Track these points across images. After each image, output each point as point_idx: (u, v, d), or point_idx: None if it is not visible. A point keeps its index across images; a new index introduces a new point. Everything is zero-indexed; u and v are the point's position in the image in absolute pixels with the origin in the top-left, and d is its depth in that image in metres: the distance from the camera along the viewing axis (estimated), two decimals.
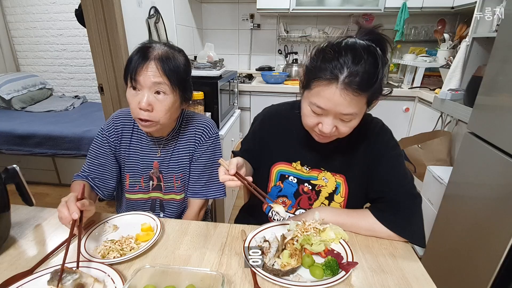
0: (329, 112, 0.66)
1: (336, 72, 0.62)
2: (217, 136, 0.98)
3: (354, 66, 0.61)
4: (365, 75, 0.61)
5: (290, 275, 0.61)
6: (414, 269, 0.65)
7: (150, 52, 0.79)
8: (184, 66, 0.84)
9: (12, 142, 2.30)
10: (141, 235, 0.73)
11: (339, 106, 0.64)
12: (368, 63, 0.62)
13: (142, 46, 0.81)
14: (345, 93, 0.62)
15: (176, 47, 0.86)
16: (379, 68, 0.63)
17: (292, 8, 2.44)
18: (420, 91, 2.27)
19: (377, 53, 0.64)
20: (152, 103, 0.80)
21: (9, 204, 0.71)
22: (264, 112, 0.93)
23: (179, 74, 0.81)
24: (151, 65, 0.77)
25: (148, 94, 0.79)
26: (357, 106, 0.65)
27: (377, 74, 0.63)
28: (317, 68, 0.65)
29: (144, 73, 0.77)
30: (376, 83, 0.63)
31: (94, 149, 0.95)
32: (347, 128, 0.69)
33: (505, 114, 1.00)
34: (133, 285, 0.53)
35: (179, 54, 0.85)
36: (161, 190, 0.98)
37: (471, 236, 1.16)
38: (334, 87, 0.63)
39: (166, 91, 0.80)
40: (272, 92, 2.48)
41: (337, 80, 0.62)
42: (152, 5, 1.81)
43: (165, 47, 0.82)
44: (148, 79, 0.77)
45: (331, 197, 0.84)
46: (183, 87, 0.84)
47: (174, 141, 0.96)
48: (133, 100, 0.81)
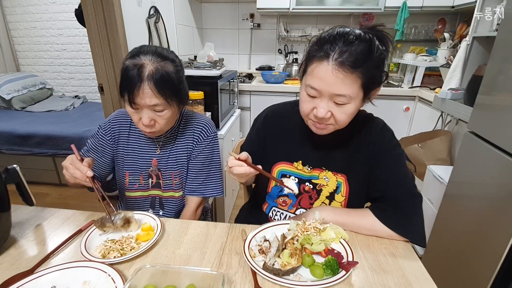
0: (323, 93, 0.67)
1: (329, 51, 0.64)
2: (216, 135, 1.00)
3: (346, 46, 0.63)
4: (358, 54, 0.63)
5: (291, 274, 0.61)
6: (415, 268, 0.65)
7: (142, 72, 0.77)
8: (175, 74, 0.83)
9: (12, 142, 2.30)
10: (142, 234, 0.73)
11: (332, 85, 0.65)
12: (361, 45, 0.64)
13: (133, 64, 0.78)
14: (336, 70, 0.63)
15: (165, 53, 0.84)
16: (373, 50, 0.64)
17: (292, 7, 2.44)
18: (420, 90, 2.27)
19: (372, 41, 0.65)
20: (153, 118, 0.83)
21: (10, 204, 0.71)
22: (266, 112, 0.93)
23: (173, 87, 0.82)
24: (145, 88, 0.77)
25: (147, 112, 0.82)
26: (351, 87, 0.65)
27: (371, 55, 0.64)
28: (313, 51, 0.68)
29: (140, 96, 0.78)
30: (369, 64, 0.64)
31: (90, 143, 0.99)
32: (342, 115, 0.69)
33: (506, 114, 1.00)
34: (134, 284, 0.53)
35: (168, 62, 0.82)
36: (160, 187, 0.99)
37: (471, 235, 1.16)
38: (325, 65, 0.64)
39: (164, 108, 0.83)
40: (272, 92, 2.48)
41: (329, 57, 0.64)
42: (152, 5, 1.80)
43: (154, 62, 0.79)
44: (145, 102, 0.79)
45: (332, 196, 0.84)
46: (178, 95, 0.85)
47: (173, 139, 0.97)
48: (133, 116, 0.84)
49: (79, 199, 2.36)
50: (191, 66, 1.75)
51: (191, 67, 1.74)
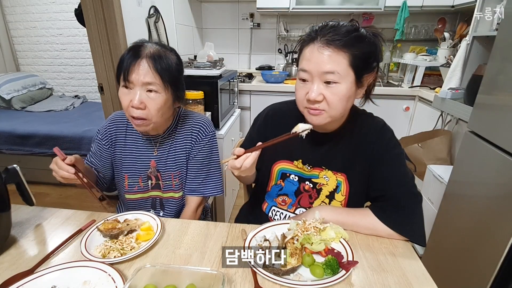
0: (312, 73, 0.69)
1: (316, 34, 0.69)
2: (214, 134, 0.99)
3: (333, 28, 0.68)
4: (343, 33, 0.67)
5: (291, 274, 0.61)
6: (414, 268, 0.65)
7: (142, 51, 0.79)
8: (176, 65, 0.85)
9: (12, 142, 2.30)
10: (142, 234, 0.73)
11: (320, 64, 0.67)
12: (348, 27, 0.68)
13: (134, 45, 0.81)
14: (322, 48, 0.67)
15: (168, 46, 0.87)
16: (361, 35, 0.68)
17: (292, 7, 2.44)
18: (420, 90, 2.27)
19: (360, 28, 0.69)
20: (144, 100, 0.80)
21: (10, 204, 0.71)
22: (267, 110, 0.93)
23: (171, 72, 0.82)
24: (143, 63, 0.78)
25: (140, 92, 0.79)
26: (338, 65, 0.67)
27: (357, 37, 0.67)
28: (303, 40, 0.74)
29: (136, 72, 0.77)
30: (356, 43, 0.67)
31: (92, 148, 1.00)
32: (334, 96, 0.69)
33: (506, 113, 1.00)
34: (134, 284, 0.53)
35: (170, 53, 0.85)
36: (160, 188, 0.99)
37: (471, 235, 1.16)
38: (312, 46, 0.69)
39: (158, 90, 0.81)
40: (272, 92, 2.47)
41: (316, 38, 0.69)
42: (152, 5, 1.80)
43: (156, 46, 0.83)
44: (140, 78, 0.78)
45: (331, 195, 0.84)
46: (175, 85, 0.85)
47: (170, 139, 0.96)
48: (125, 98, 0.81)
49: (79, 199, 2.36)
50: (191, 66, 1.75)
51: (191, 67, 1.74)
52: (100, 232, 0.72)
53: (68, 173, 0.76)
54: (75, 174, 0.77)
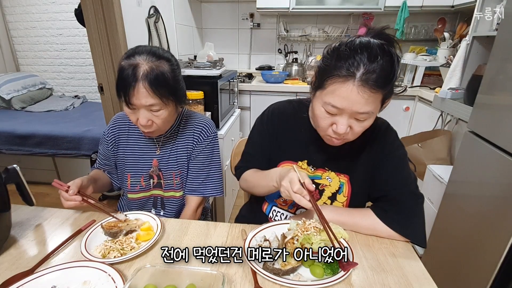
0: (345, 111, 0.65)
1: (353, 69, 0.61)
2: (216, 135, 1.00)
3: (371, 63, 0.61)
4: (382, 72, 0.61)
5: (291, 274, 0.61)
6: (415, 268, 0.65)
7: (137, 71, 0.77)
8: (171, 73, 0.82)
9: (12, 142, 2.30)
10: (142, 234, 0.73)
11: (356, 104, 0.63)
12: (385, 60, 0.61)
13: (128, 64, 0.78)
14: (362, 90, 0.61)
15: (159, 52, 0.83)
16: (395, 65, 0.63)
17: (292, 7, 2.44)
18: (420, 90, 2.27)
19: (392, 52, 0.63)
20: (150, 118, 0.83)
21: (10, 204, 0.71)
22: (271, 110, 0.91)
23: (169, 86, 0.82)
24: (140, 88, 0.77)
25: (144, 113, 0.81)
26: (374, 104, 0.64)
27: (394, 71, 0.63)
28: (332, 66, 0.64)
29: (135, 96, 0.78)
30: (393, 81, 0.63)
31: (100, 150, 1.03)
32: (361, 128, 0.68)
33: (505, 113, 1.00)
34: (134, 284, 0.53)
35: (163, 62, 0.81)
36: (161, 187, 1.00)
37: (471, 235, 1.16)
38: (351, 85, 0.61)
39: (161, 107, 0.82)
40: (272, 92, 2.47)
41: (354, 77, 0.61)
42: (152, 5, 1.80)
43: (149, 60, 0.79)
44: (141, 102, 0.79)
45: (333, 197, 0.84)
46: (174, 95, 0.85)
47: (173, 139, 0.97)
48: (131, 116, 0.84)
49: None
50: (191, 66, 1.75)
51: (191, 67, 1.74)
52: (102, 229, 0.73)
53: (75, 202, 0.78)
54: (83, 200, 0.79)
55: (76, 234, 0.74)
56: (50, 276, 0.59)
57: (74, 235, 0.73)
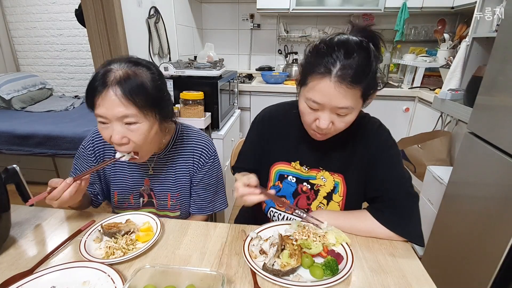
0: (325, 106, 0.67)
1: (329, 66, 0.63)
2: (216, 154, 0.95)
3: (347, 60, 0.63)
4: (358, 68, 0.62)
5: (290, 275, 0.61)
6: (414, 268, 0.65)
7: (108, 77, 0.66)
8: (152, 82, 0.72)
9: (12, 142, 2.30)
10: (141, 235, 0.73)
11: (334, 99, 0.65)
12: (361, 56, 0.63)
13: (100, 71, 0.69)
14: (339, 86, 0.63)
15: (138, 60, 0.74)
16: (372, 61, 0.64)
17: (292, 8, 2.44)
18: (420, 91, 2.27)
19: (370, 48, 0.65)
20: (125, 134, 0.70)
21: (9, 204, 0.71)
22: (263, 113, 0.93)
23: (147, 94, 0.70)
24: (109, 94, 0.66)
25: (117, 128, 0.68)
26: (352, 100, 0.65)
27: (370, 67, 0.64)
28: (311, 63, 0.67)
29: (104, 105, 0.66)
30: (369, 76, 0.64)
31: (76, 165, 0.92)
32: (343, 124, 0.70)
33: (505, 114, 1.00)
34: (133, 285, 0.53)
35: (143, 69, 0.71)
36: (153, 206, 0.94)
37: (471, 236, 1.16)
38: (328, 81, 0.64)
39: (138, 120, 0.69)
40: (272, 92, 2.48)
41: (331, 73, 0.63)
42: (152, 5, 1.81)
43: (125, 66, 0.69)
44: (111, 112, 0.66)
45: (329, 196, 0.84)
46: (157, 107, 0.73)
47: (168, 158, 0.90)
48: (103, 133, 0.71)
49: None
50: (191, 67, 1.75)
51: (191, 67, 1.74)
52: (102, 229, 0.73)
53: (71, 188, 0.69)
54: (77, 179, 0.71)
55: (76, 234, 0.74)
56: (49, 276, 0.59)
57: (74, 235, 0.73)
